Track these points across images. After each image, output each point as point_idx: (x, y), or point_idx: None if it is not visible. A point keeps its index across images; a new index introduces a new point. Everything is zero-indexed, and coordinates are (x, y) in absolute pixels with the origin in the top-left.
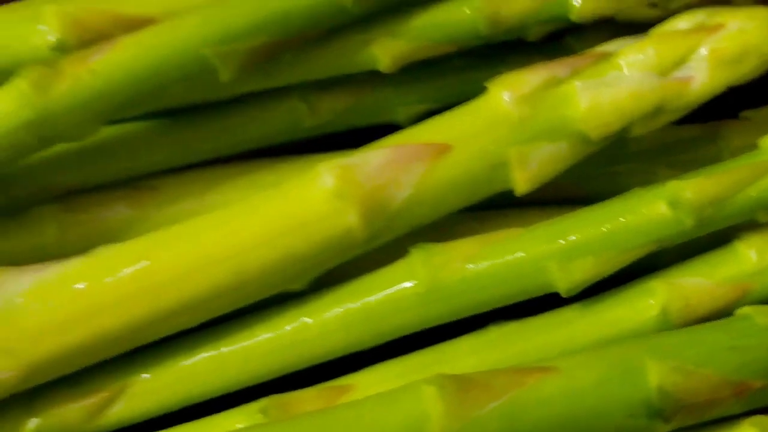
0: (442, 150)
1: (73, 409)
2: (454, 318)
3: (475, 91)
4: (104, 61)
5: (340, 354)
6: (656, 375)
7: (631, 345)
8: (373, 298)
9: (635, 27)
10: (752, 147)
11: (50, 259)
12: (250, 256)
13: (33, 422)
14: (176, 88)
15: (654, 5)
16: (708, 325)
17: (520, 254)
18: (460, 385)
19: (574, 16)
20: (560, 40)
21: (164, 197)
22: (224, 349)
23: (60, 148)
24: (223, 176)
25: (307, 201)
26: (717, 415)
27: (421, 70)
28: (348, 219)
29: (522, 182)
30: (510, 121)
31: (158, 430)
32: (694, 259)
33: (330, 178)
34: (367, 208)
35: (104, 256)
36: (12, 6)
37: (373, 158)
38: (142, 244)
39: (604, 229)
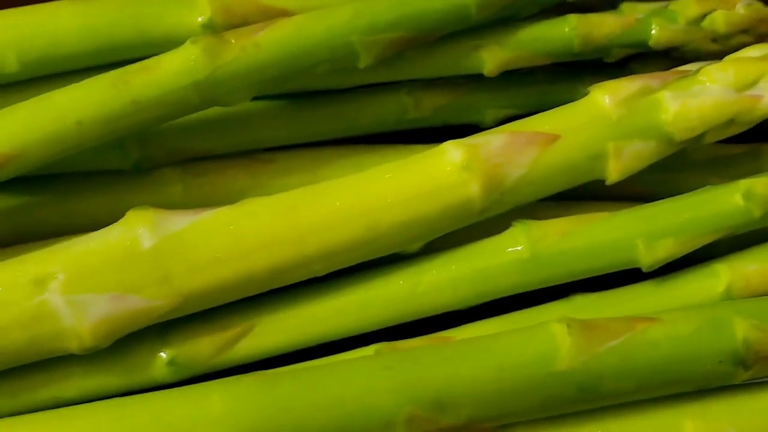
0: (551, 139)
1: (204, 342)
2: (549, 284)
3: (553, 101)
4: (267, 37)
5: (446, 309)
6: (742, 330)
7: (721, 306)
8: (480, 263)
9: (686, 62)
10: None
11: None
12: (383, 214)
13: (166, 353)
14: (321, 68)
15: (715, 40)
16: None
17: (611, 233)
18: (584, 326)
19: (652, 42)
20: (626, 66)
21: (279, 169)
22: (345, 299)
23: (193, 116)
24: (332, 156)
25: (437, 171)
26: None
27: (510, 79)
28: (471, 189)
29: (615, 172)
30: (609, 120)
31: (280, 366)
32: (752, 248)
33: (458, 153)
34: (487, 182)
35: (254, 205)
36: None
37: (494, 140)
38: (288, 197)
39: (686, 215)
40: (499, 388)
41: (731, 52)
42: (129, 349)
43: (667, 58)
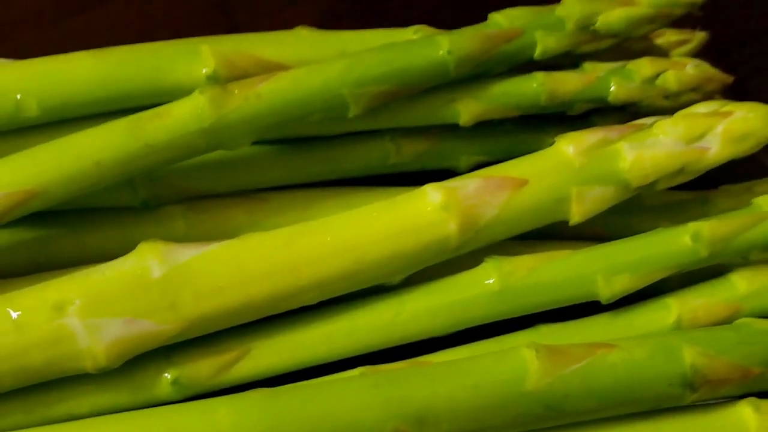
0: (521, 183)
1: (205, 364)
2: (518, 314)
3: (522, 150)
4: (267, 88)
5: (425, 336)
6: (690, 356)
7: (672, 335)
8: (455, 294)
9: (641, 116)
10: (733, 210)
11: None
12: (370, 249)
13: (170, 373)
14: (314, 117)
15: (667, 97)
16: (722, 327)
17: (573, 269)
18: (550, 350)
19: (611, 98)
20: (587, 119)
21: (274, 208)
22: (333, 325)
23: (198, 158)
24: (322, 196)
25: (419, 211)
26: (726, 393)
27: (483, 129)
28: (449, 227)
29: (577, 214)
30: (572, 167)
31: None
32: (699, 284)
33: (438, 195)
34: (463, 221)
35: (254, 239)
36: (173, 41)
37: (470, 184)
38: (285, 233)
39: (640, 254)
40: (475, 405)
41: (682, 108)
42: (137, 369)
43: (625, 113)
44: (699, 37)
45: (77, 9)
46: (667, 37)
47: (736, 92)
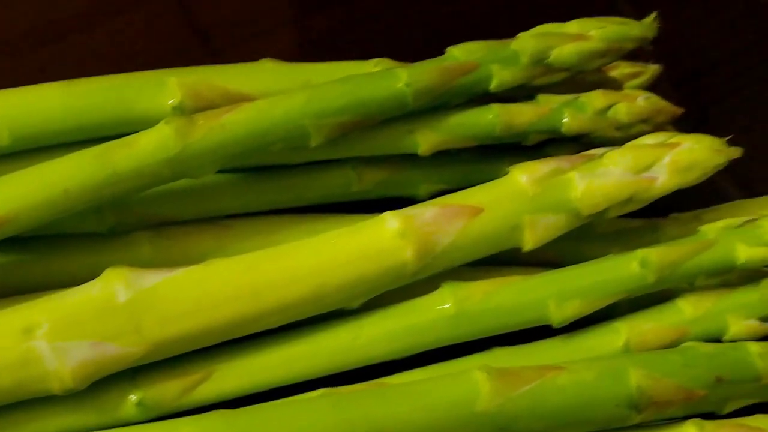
0: (476, 211)
1: (169, 386)
2: (473, 338)
3: (478, 179)
4: (231, 119)
5: (383, 359)
6: (636, 378)
7: (619, 357)
8: (412, 318)
9: (594, 146)
10: (682, 237)
11: None
12: (330, 275)
13: (135, 395)
14: (277, 147)
15: (618, 128)
16: (668, 350)
17: (526, 294)
18: (501, 373)
19: (564, 129)
20: (542, 149)
21: (238, 234)
22: (295, 349)
23: (164, 186)
24: (285, 223)
25: (377, 238)
26: (671, 414)
27: (441, 158)
28: (406, 254)
29: (530, 242)
30: (526, 196)
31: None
32: (648, 308)
33: (395, 222)
34: (420, 248)
35: (218, 265)
36: (141, 73)
37: (427, 212)
38: (248, 259)
39: (590, 280)
40: (430, 425)
41: (633, 139)
42: (103, 390)
43: (579, 143)
44: (652, 69)
45: (51, 38)
46: (621, 70)
47: (695, 122)
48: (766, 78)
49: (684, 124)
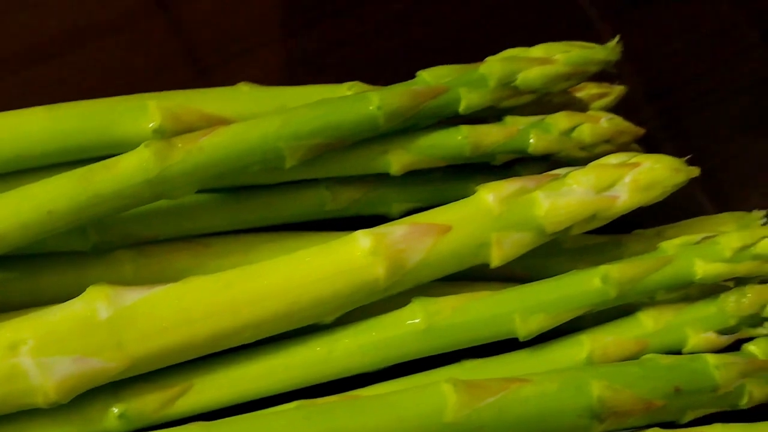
0: (445, 229)
1: (150, 399)
2: (443, 351)
3: (448, 197)
4: (209, 142)
5: (356, 372)
6: (597, 389)
7: (582, 369)
8: (384, 333)
9: (561, 165)
10: (644, 252)
11: None
12: (304, 291)
13: (117, 408)
14: (253, 168)
15: (583, 148)
16: (628, 362)
17: (493, 308)
18: (467, 385)
19: (530, 149)
20: (511, 168)
21: (216, 252)
22: (271, 362)
23: (144, 206)
24: (261, 240)
25: (350, 255)
26: (632, 424)
27: (412, 178)
28: (377, 271)
29: (497, 258)
30: (492, 214)
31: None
32: (611, 322)
33: (367, 240)
34: (391, 264)
35: (196, 282)
36: (122, 97)
37: (397, 230)
38: (225, 276)
39: (555, 295)
40: None
41: (597, 158)
42: (86, 403)
43: (546, 162)
44: (617, 90)
45: (35, 60)
46: (587, 91)
47: (670, 137)
48: (739, 92)
49: (658, 139)
